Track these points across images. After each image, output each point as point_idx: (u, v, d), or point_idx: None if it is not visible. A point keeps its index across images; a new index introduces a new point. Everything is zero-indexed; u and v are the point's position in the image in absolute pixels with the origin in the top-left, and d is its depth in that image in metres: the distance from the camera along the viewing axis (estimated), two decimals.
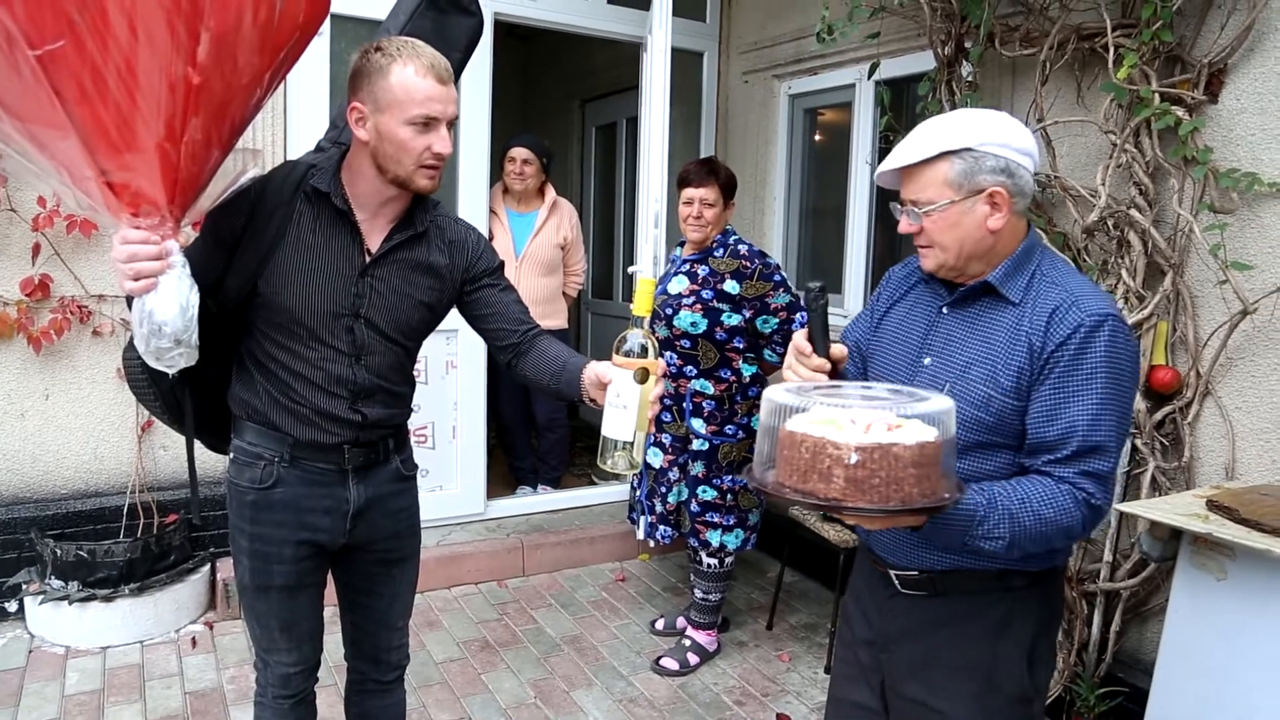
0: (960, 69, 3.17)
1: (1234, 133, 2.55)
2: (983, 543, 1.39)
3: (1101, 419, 1.40)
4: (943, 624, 1.57)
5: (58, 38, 1.30)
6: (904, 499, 1.20)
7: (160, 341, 1.52)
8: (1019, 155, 1.46)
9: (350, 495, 1.88)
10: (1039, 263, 1.52)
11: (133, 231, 1.46)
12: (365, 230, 1.77)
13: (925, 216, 1.49)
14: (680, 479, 3.26)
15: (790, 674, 3.24)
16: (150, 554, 3.30)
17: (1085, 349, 1.41)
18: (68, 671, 3.05)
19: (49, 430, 3.38)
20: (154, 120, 1.39)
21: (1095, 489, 1.41)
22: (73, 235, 3.23)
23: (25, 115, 1.38)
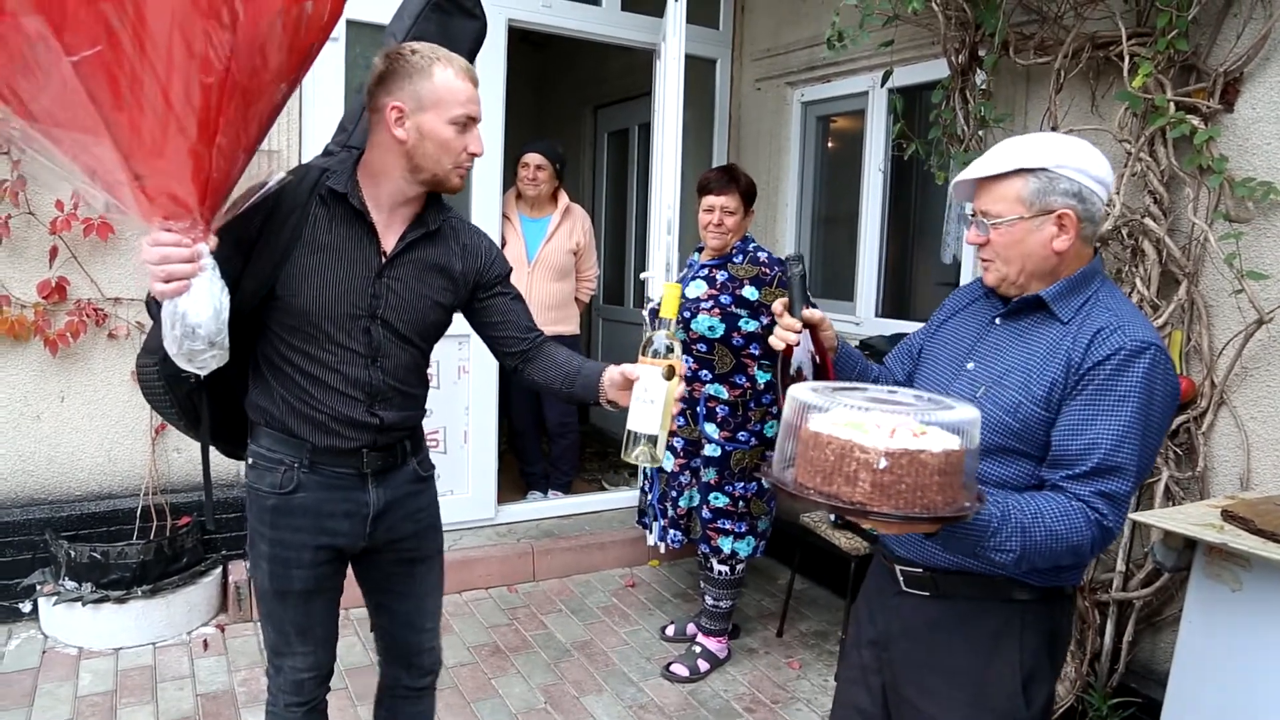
0: (974, 77, 3.17)
1: (1250, 141, 2.54)
2: (994, 554, 1.40)
3: (1125, 441, 1.41)
4: (942, 628, 1.59)
5: (94, 44, 1.31)
6: (927, 506, 1.20)
7: (194, 343, 1.54)
8: (1093, 182, 1.48)
9: (369, 499, 1.88)
10: (1097, 290, 1.53)
11: (165, 234, 1.47)
12: (381, 231, 1.78)
13: (993, 229, 1.52)
14: (692, 483, 3.26)
15: (801, 681, 3.23)
16: (163, 556, 3.32)
17: (1123, 371, 1.42)
18: (81, 672, 3.07)
19: (64, 432, 3.40)
20: (187, 123, 1.40)
21: (1108, 510, 1.42)
22: (90, 238, 3.26)
23: (58, 120, 1.39)
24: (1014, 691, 1.53)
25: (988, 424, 1.49)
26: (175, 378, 1.74)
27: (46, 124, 1.39)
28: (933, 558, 1.58)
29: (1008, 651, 1.54)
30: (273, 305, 1.75)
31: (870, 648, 1.71)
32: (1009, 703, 1.53)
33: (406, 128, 1.69)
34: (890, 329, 3.75)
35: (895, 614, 1.66)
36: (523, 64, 5.65)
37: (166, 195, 1.45)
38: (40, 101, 1.37)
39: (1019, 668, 1.53)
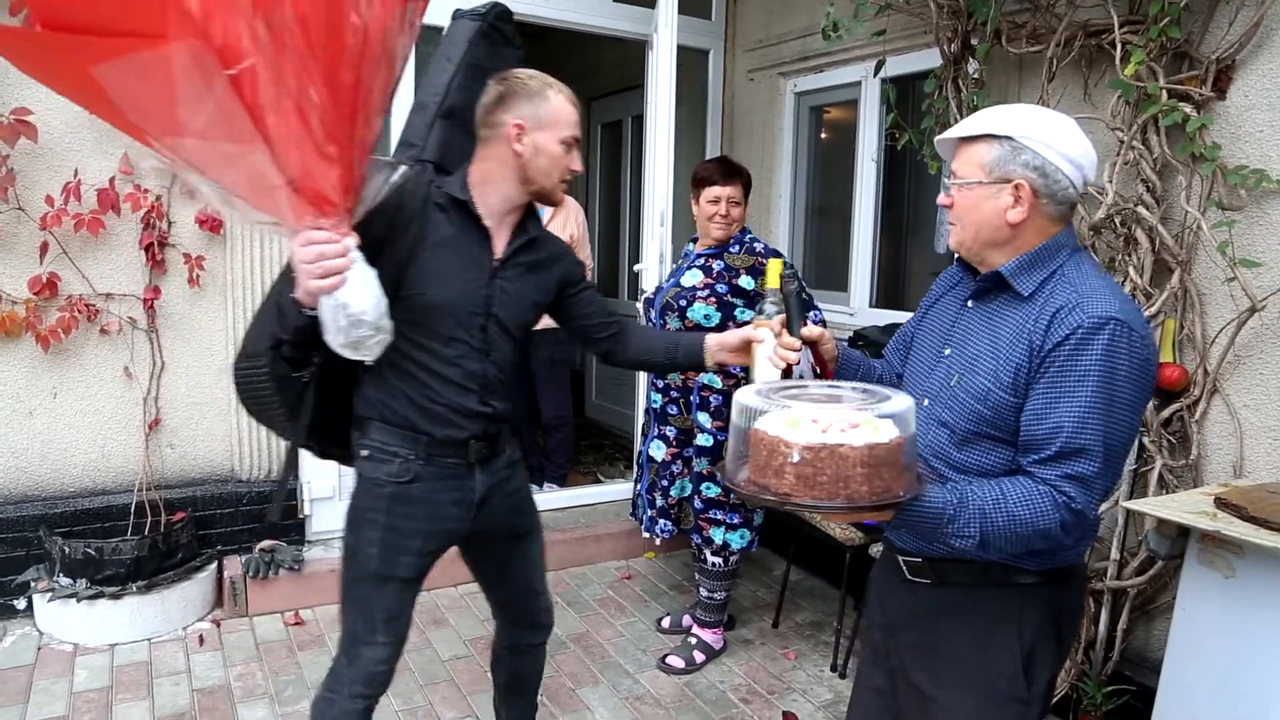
0: (966, 66, 3.17)
1: (1242, 129, 2.54)
2: (955, 540, 1.43)
3: (1089, 422, 1.39)
4: (944, 613, 1.60)
5: (248, 56, 1.38)
6: (850, 496, 1.28)
7: (361, 331, 1.63)
8: (1061, 160, 1.46)
9: (475, 485, 2.02)
10: (1063, 264, 1.50)
11: (317, 232, 1.56)
12: (492, 236, 1.94)
13: (956, 190, 1.54)
14: (683, 472, 3.26)
15: (796, 672, 3.24)
16: (158, 552, 3.31)
17: (1081, 350, 1.40)
18: (76, 669, 3.06)
19: (57, 428, 3.39)
20: (334, 124, 1.48)
21: (1077, 492, 1.40)
22: (80, 234, 3.24)
23: (215, 136, 1.45)
24: (1014, 674, 1.54)
25: (962, 412, 1.53)
26: (285, 379, 1.84)
27: (204, 141, 1.45)
28: (929, 548, 1.59)
29: (1006, 635, 1.54)
30: (397, 304, 1.82)
31: (880, 632, 1.74)
32: (1009, 685, 1.54)
33: (524, 143, 1.87)
34: (884, 319, 3.75)
35: (900, 601, 1.68)
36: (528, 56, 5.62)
37: (316, 195, 1.53)
38: (198, 120, 1.42)
39: (1018, 650, 1.54)
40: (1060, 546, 1.47)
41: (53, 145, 3.21)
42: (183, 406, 3.56)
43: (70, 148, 3.24)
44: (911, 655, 1.65)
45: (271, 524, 3.65)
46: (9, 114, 3.07)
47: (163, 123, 1.45)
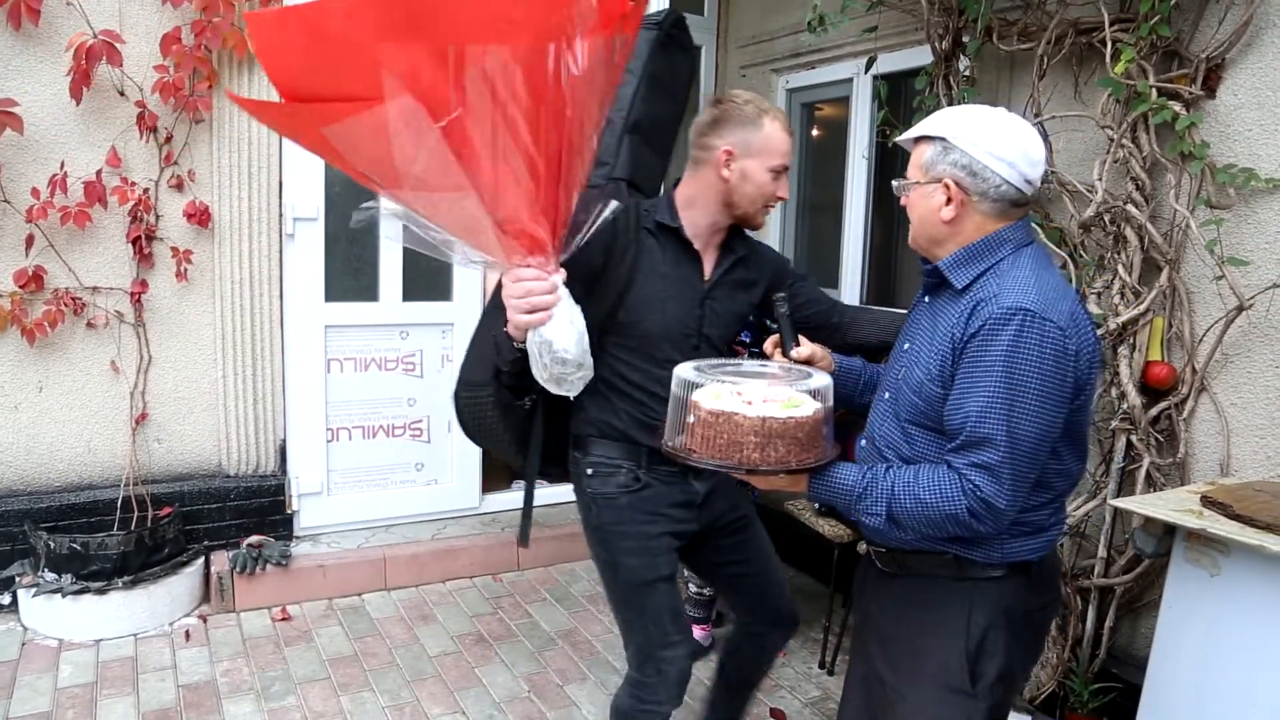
0: (958, 63, 3.16)
1: (1231, 128, 2.54)
2: (865, 517, 1.52)
3: (991, 411, 1.42)
4: (904, 603, 1.65)
5: (455, 108, 1.50)
6: (741, 460, 1.45)
7: (563, 368, 1.71)
8: (991, 159, 1.49)
9: (696, 487, 2.08)
10: (1000, 259, 1.54)
11: (525, 270, 1.64)
12: (702, 258, 2.01)
13: (904, 191, 1.62)
14: None
15: (784, 668, 3.24)
16: (144, 547, 3.30)
17: (988, 341, 1.44)
18: (61, 664, 3.05)
19: (42, 423, 3.37)
20: (540, 166, 1.58)
21: (982, 481, 1.43)
22: (67, 227, 3.22)
23: (429, 185, 1.57)
24: (959, 668, 1.57)
25: (905, 404, 1.59)
26: (509, 406, 1.93)
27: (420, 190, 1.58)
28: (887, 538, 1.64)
29: (955, 628, 1.58)
30: (614, 329, 1.95)
31: (858, 620, 1.81)
32: (955, 678, 1.57)
33: (733, 169, 1.90)
34: None
35: (873, 591, 1.74)
36: None
37: (523, 234, 1.62)
38: (414, 170, 1.54)
39: (964, 644, 1.57)
40: (976, 534, 1.50)
41: (39, 137, 3.19)
42: (170, 401, 3.54)
43: (56, 140, 3.22)
44: (876, 644, 1.71)
45: (259, 520, 3.64)
46: None
47: (386, 174, 1.56)
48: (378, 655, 3.21)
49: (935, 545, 1.57)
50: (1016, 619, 1.59)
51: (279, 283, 3.63)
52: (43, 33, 3.14)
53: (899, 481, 1.50)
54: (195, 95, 3.31)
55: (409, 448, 4.00)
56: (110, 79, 3.24)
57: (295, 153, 3.57)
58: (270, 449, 3.71)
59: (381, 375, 3.91)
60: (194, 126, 3.40)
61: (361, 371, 3.88)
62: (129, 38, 3.21)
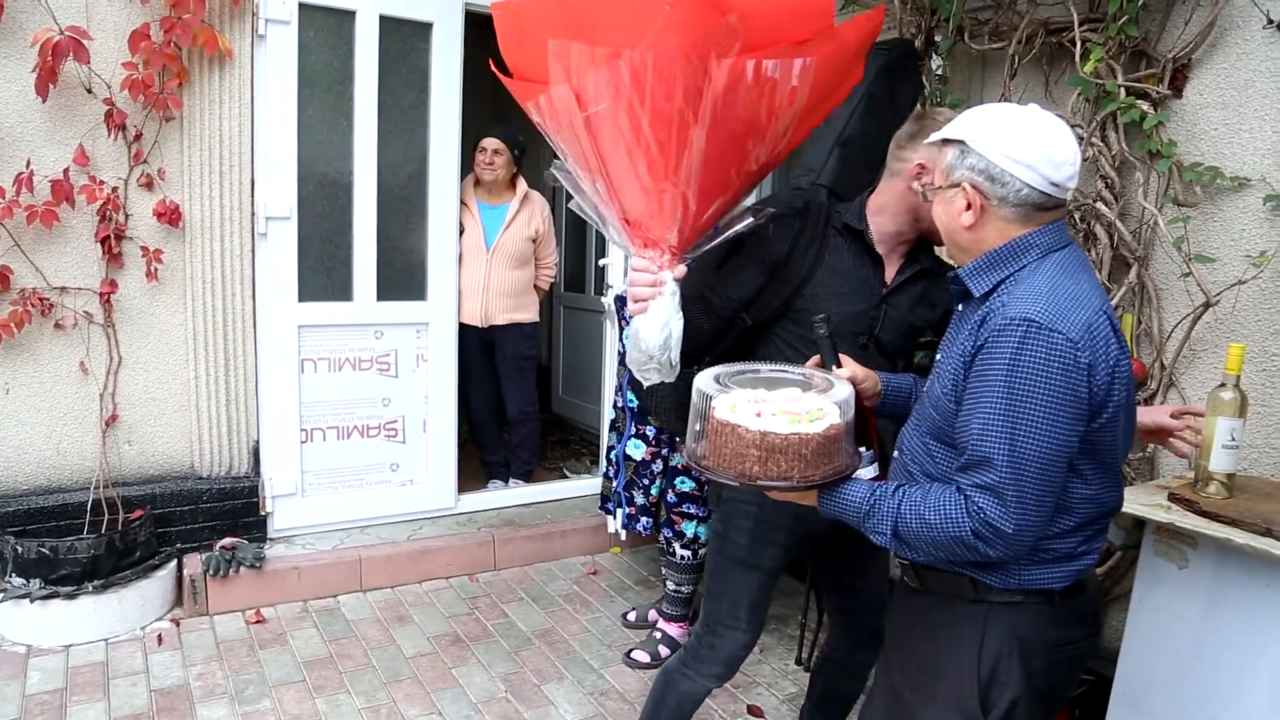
0: (930, 62, 3.19)
1: (1198, 127, 2.58)
2: (872, 535, 1.49)
3: (990, 430, 1.36)
4: (920, 620, 1.61)
5: (602, 101, 1.67)
6: (742, 473, 1.43)
7: (641, 356, 1.78)
8: (1009, 161, 1.42)
9: None
10: (1023, 266, 1.46)
11: (638, 260, 1.77)
12: (885, 263, 2.05)
13: (927, 196, 1.58)
14: (663, 472, 3.26)
15: (761, 665, 3.25)
16: (115, 550, 3.25)
17: (991, 354, 1.38)
18: (29, 670, 3.00)
19: (9, 425, 3.31)
20: (665, 169, 1.69)
21: (986, 503, 1.37)
22: (34, 226, 3.17)
23: (576, 163, 1.80)
24: (970, 694, 1.50)
25: (925, 418, 1.55)
26: None
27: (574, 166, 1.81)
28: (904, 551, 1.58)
29: (968, 650, 1.51)
30: (791, 316, 2.02)
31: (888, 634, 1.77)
32: (966, 705, 1.51)
33: (921, 183, 1.89)
34: None
35: (898, 605, 1.71)
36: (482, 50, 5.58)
37: (641, 229, 1.76)
38: (569, 147, 1.79)
39: (977, 670, 1.50)
40: (988, 559, 1.42)
41: (3, 135, 3.13)
42: (141, 402, 3.50)
43: (22, 138, 3.17)
44: (894, 657, 1.68)
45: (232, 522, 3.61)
46: None
47: (564, 147, 1.79)
48: (353, 657, 3.19)
49: (951, 566, 1.51)
50: (1033, 650, 1.50)
51: (251, 282, 3.60)
52: (6, 28, 3.09)
53: (906, 501, 1.45)
54: (165, 93, 3.27)
55: (384, 448, 3.98)
56: (78, 76, 3.20)
57: (268, 151, 3.54)
58: (243, 450, 3.67)
59: (356, 375, 3.89)
60: (164, 124, 3.36)
61: (335, 372, 3.85)
62: (96, 34, 3.16)
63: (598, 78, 1.66)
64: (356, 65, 3.68)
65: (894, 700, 1.68)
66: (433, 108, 3.89)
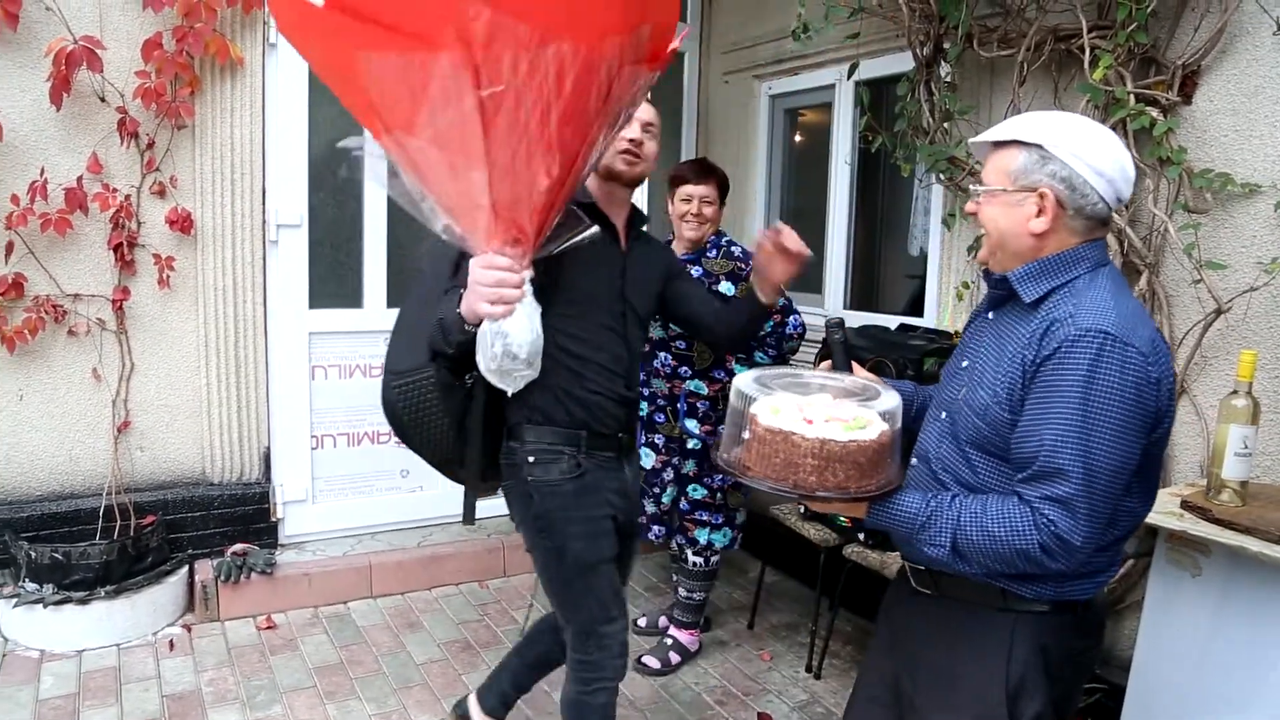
0: (939, 69, 3.19)
1: (1208, 134, 2.57)
2: (926, 548, 1.43)
3: (1065, 442, 1.33)
4: (941, 628, 1.57)
5: (502, 83, 1.51)
6: (797, 483, 1.35)
7: (513, 363, 1.72)
8: (1091, 173, 1.40)
9: (626, 476, 2.21)
10: (1075, 278, 1.44)
11: (501, 259, 1.65)
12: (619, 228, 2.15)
13: (980, 198, 1.51)
14: (673, 479, 3.26)
15: (771, 673, 3.25)
16: (127, 556, 3.27)
17: (1063, 365, 1.35)
18: (42, 675, 3.02)
19: (23, 431, 3.34)
20: (554, 164, 1.61)
21: (1057, 515, 1.34)
22: (47, 234, 3.19)
23: (445, 144, 1.58)
24: (998, 703, 1.48)
25: (966, 426, 1.49)
26: (449, 386, 1.93)
27: (431, 146, 1.57)
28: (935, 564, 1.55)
29: (994, 660, 1.49)
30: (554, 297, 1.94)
31: (886, 642, 1.72)
32: (992, 711, 1.49)
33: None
34: (858, 320, 3.77)
35: (906, 612, 1.66)
36: None
37: (514, 224, 1.63)
38: (436, 126, 1.55)
39: (1004, 679, 1.48)
40: (1047, 572, 1.40)
41: (18, 144, 3.16)
42: (153, 409, 3.52)
43: (36, 146, 3.20)
44: (909, 666, 1.63)
45: (243, 528, 3.62)
46: None
47: (402, 119, 1.56)
48: (364, 663, 3.19)
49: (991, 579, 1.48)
50: (1053, 657, 1.50)
51: (262, 289, 3.62)
52: (21, 38, 3.12)
53: (965, 512, 1.41)
54: (177, 101, 3.29)
55: (394, 455, 3.99)
56: (91, 85, 3.22)
57: (279, 159, 3.56)
58: (254, 457, 3.69)
59: (366, 382, 3.90)
60: (176, 133, 3.38)
61: (346, 378, 3.87)
62: (110, 43, 3.19)
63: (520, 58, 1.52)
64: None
65: (897, 705, 1.66)
66: None
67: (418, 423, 1.98)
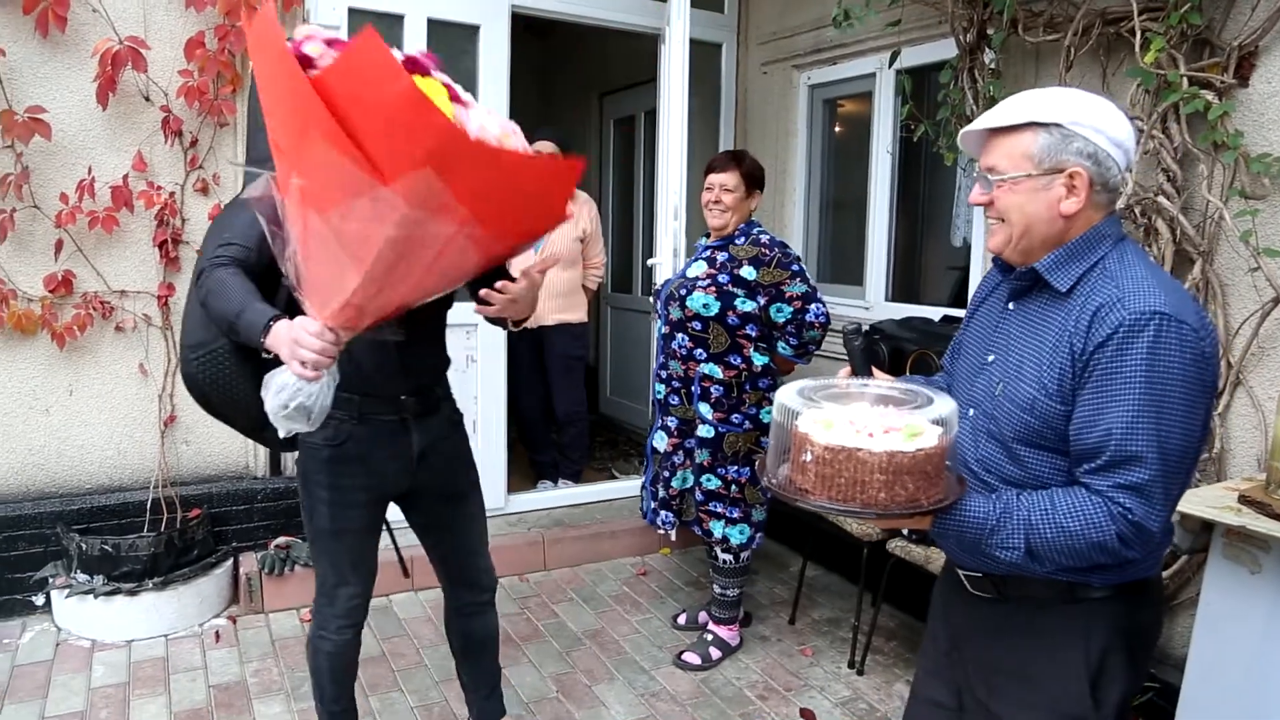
0: (983, 56, 3.13)
1: (1265, 116, 2.49)
2: (998, 552, 1.38)
3: (1137, 427, 1.29)
4: (1008, 629, 1.53)
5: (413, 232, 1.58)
6: (867, 501, 1.27)
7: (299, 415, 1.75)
8: (1110, 145, 1.38)
9: (412, 442, 2.14)
10: (1105, 255, 1.40)
11: (330, 335, 1.70)
12: None
13: (998, 186, 1.43)
14: (685, 463, 3.23)
15: (813, 668, 3.22)
16: (174, 548, 3.32)
17: (1125, 350, 1.31)
18: (94, 664, 3.07)
19: (73, 425, 3.40)
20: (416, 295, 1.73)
21: (1133, 503, 1.31)
22: (95, 231, 3.25)
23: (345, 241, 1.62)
24: (1080, 693, 1.45)
25: (1010, 422, 1.45)
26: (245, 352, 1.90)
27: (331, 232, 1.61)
28: (984, 564, 1.51)
29: (1072, 652, 1.46)
30: None
31: (945, 645, 1.68)
32: (1076, 705, 1.45)
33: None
34: (900, 313, 3.72)
35: (964, 615, 1.62)
36: (526, 53, 5.62)
37: (357, 318, 1.71)
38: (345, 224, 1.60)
39: (1085, 669, 1.45)
40: (1124, 561, 1.37)
41: (66, 143, 3.22)
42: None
43: (84, 145, 3.25)
44: (977, 671, 1.59)
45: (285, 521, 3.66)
46: (23, 112, 3.08)
47: (319, 199, 1.59)
48: (405, 655, 3.21)
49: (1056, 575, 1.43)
50: (1127, 638, 1.48)
51: None
52: (69, 40, 3.17)
53: (1035, 510, 1.36)
54: (219, 99, 3.33)
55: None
56: (135, 84, 3.27)
57: None
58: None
59: None
60: (218, 130, 3.42)
61: None
62: (154, 43, 3.23)
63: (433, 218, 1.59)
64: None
65: (960, 710, 1.62)
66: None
67: (221, 393, 2.01)
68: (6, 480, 3.35)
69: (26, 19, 3.08)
